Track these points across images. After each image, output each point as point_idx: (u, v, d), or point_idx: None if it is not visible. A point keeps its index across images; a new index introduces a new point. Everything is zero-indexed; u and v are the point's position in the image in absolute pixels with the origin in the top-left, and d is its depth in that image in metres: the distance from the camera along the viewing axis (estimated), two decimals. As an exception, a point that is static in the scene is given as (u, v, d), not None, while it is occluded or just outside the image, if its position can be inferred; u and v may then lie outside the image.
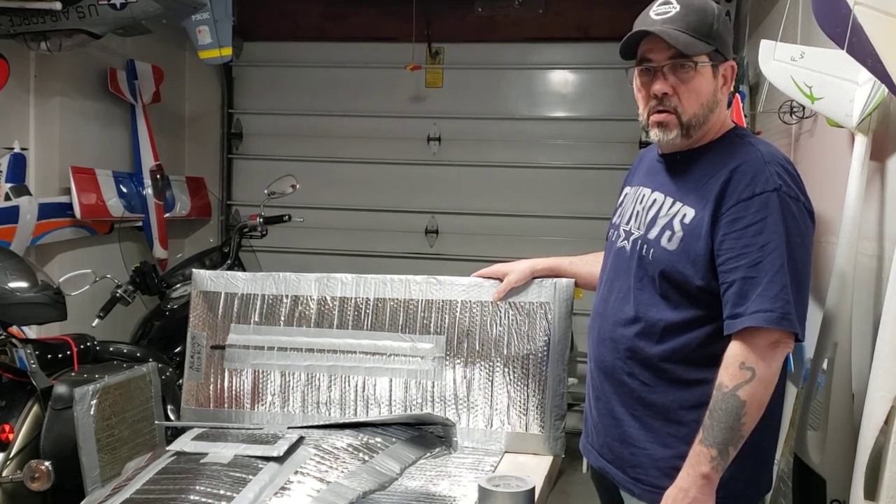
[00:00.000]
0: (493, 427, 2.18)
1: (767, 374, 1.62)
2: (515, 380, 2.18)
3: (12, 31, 3.50)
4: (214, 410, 2.35)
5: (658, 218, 1.78)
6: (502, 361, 2.19)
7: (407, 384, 2.25)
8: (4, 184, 3.53)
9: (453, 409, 2.21)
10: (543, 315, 2.20)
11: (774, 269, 1.61)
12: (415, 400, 2.23)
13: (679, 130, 1.76)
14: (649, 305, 1.76)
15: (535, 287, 2.22)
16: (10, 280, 2.73)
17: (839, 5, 1.54)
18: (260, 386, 2.33)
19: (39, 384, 2.61)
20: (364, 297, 2.31)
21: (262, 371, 2.33)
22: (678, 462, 1.68)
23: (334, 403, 2.29)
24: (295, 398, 2.31)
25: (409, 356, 2.25)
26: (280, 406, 2.31)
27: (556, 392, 2.17)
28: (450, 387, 2.22)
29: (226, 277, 2.42)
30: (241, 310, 2.37)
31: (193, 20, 3.61)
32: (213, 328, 2.38)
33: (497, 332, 2.20)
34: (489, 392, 2.20)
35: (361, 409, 2.27)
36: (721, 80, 1.77)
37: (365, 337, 2.29)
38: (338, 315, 2.31)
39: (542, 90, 5.33)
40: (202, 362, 2.38)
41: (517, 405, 2.18)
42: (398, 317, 2.27)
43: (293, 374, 2.31)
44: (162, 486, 1.67)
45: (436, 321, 2.25)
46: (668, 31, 1.72)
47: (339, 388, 2.29)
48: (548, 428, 2.16)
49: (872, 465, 1.62)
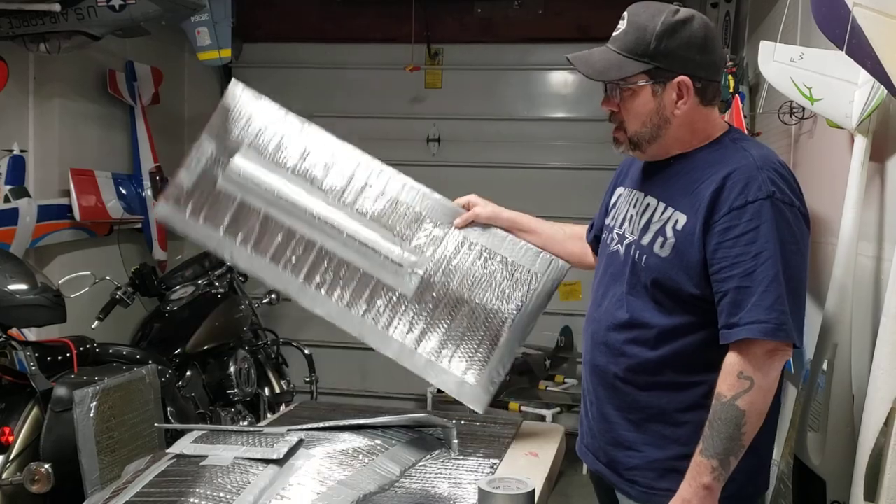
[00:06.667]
0: (440, 356, 2.18)
1: (766, 383, 1.62)
2: (473, 327, 2.18)
3: (11, 32, 3.50)
4: (189, 219, 2.30)
5: (651, 223, 1.77)
6: (470, 305, 2.19)
7: (377, 285, 2.22)
8: (4, 186, 3.52)
9: (407, 321, 2.20)
10: (527, 283, 2.20)
11: (769, 279, 1.60)
12: (379, 308, 2.21)
13: (627, 145, 1.80)
14: (643, 311, 1.76)
15: (531, 254, 2.22)
16: (9, 282, 2.73)
17: (838, 7, 1.54)
18: (241, 218, 2.28)
19: (39, 386, 2.61)
20: (381, 188, 2.27)
21: (249, 205, 2.27)
22: (674, 463, 1.68)
23: (298, 267, 2.24)
24: (266, 245, 2.26)
25: (391, 260, 2.22)
26: (249, 247, 2.26)
27: (502, 359, 2.18)
28: (413, 304, 2.21)
29: (261, 102, 2.37)
30: (257, 139, 2.31)
31: (192, 22, 3.60)
32: (223, 142, 2.33)
33: (479, 276, 2.20)
34: (447, 324, 2.19)
35: (318, 284, 2.23)
36: (672, 96, 1.72)
37: (360, 220, 2.25)
38: (347, 188, 2.27)
39: (541, 91, 5.33)
40: (199, 168, 2.32)
41: (464, 349, 2.18)
42: (401, 223, 2.24)
43: (274, 222, 2.26)
44: (162, 489, 1.68)
45: (431, 244, 2.23)
46: (586, 56, 1.77)
47: (312, 256, 2.24)
48: (481, 385, 2.18)
49: (872, 467, 1.62)
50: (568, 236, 2.23)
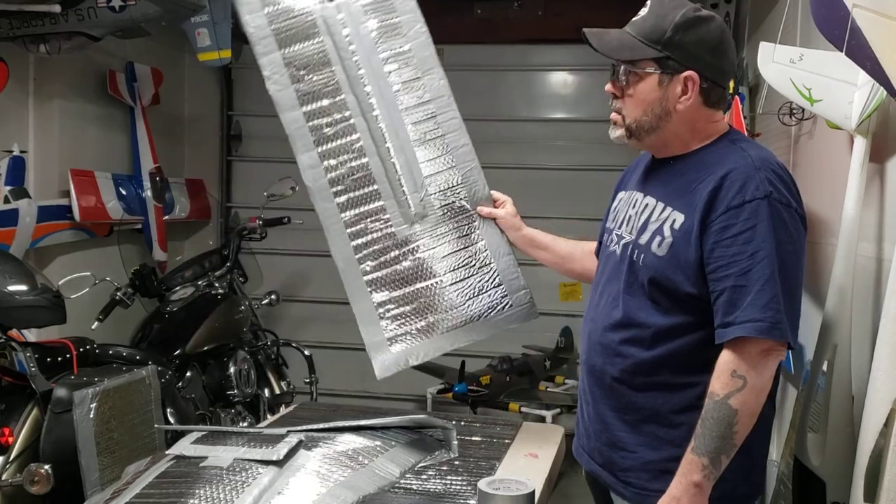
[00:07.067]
0: (384, 309, 2.20)
1: (759, 382, 1.62)
2: (429, 305, 2.19)
3: (11, 33, 3.50)
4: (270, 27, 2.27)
5: (649, 223, 1.78)
6: (438, 285, 2.19)
7: (377, 208, 2.22)
8: (4, 187, 3.52)
9: (380, 258, 2.20)
10: (497, 303, 2.22)
11: (765, 278, 1.60)
12: (363, 229, 2.21)
13: (623, 131, 1.81)
14: (639, 310, 1.76)
15: (518, 284, 2.22)
16: (9, 283, 2.73)
17: (838, 8, 1.54)
18: (314, 62, 2.24)
19: (39, 387, 2.61)
20: (442, 133, 2.26)
21: (327, 56, 2.24)
22: (669, 464, 1.68)
23: (324, 137, 2.23)
24: (313, 96, 2.24)
25: (405, 197, 2.22)
26: (297, 87, 2.24)
27: (430, 349, 2.19)
28: (394, 248, 2.21)
29: None
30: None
31: (192, 22, 3.60)
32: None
33: (462, 267, 2.21)
34: (409, 287, 2.20)
35: (330, 167, 2.22)
36: (678, 90, 1.73)
37: (405, 145, 2.23)
38: (416, 109, 2.26)
39: (541, 91, 5.33)
40: None
41: (407, 319, 2.20)
42: (438, 175, 2.24)
43: (336, 85, 2.24)
44: (161, 490, 1.68)
45: (447, 211, 2.23)
46: (601, 32, 1.79)
47: (343, 139, 2.23)
48: (397, 358, 2.19)
49: (872, 468, 1.62)
50: (586, 254, 2.22)
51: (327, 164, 2.23)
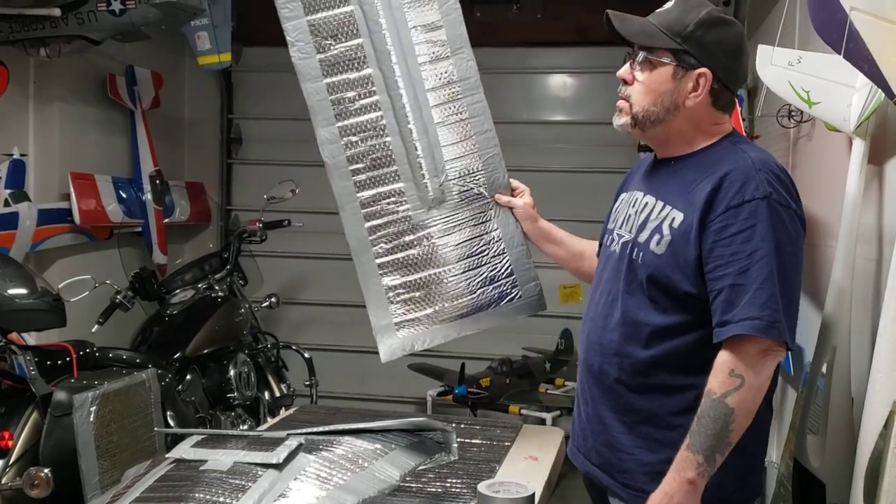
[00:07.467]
0: (395, 292, 2.19)
1: (756, 382, 1.62)
2: (437, 292, 2.20)
3: (12, 37, 3.50)
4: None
5: (648, 221, 1.78)
6: (449, 273, 2.20)
7: (395, 190, 2.20)
8: (4, 190, 3.53)
9: (394, 242, 2.19)
10: (506, 293, 2.23)
11: (763, 277, 1.60)
12: (380, 211, 2.20)
13: (629, 119, 1.81)
14: (637, 309, 1.76)
15: (529, 276, 2.23)
16: (9, 286, 2.73)
17: (836, 10, 1.55)
18: (343, 30, 2.20)
19: (39, 391, 2.61)
20: (466, 116, 2.22)
21: (356, 28, 2.19)
22: (666, 467, 1.67)
23: (346, 112, 2.20)
24: (338, 68, 2.20)
25: (424, 181, 2.20)
26: (321, 56, 2.20)
27: (436, 335, 2.20)
28: (409, 231, 2.20)
29: None
30: None
31: (192, 26, 3.61)
32: None
33: (474, 256, 2.20)
34: (420, 273, 2.20)
35: (349, 144, 2.19)
36: (689, 85, 1.74)
37: (428, 127, 2.20)
38: (439, 90, 2.21)
39: (540, 94, 5.33)
40: None
41: (415, 304, 2.20)
42: (458, 160, 2.21)
43: (364, 59, 2.19)
44: (161, 494, 1.68)
45: (465, 197, 2.22)
46: (624, 16, 1.79)
47: (365, 116, 2.20)
48: (403, 343, 2.19)
49: (872, 469, 1.62)
50: (596, 254, 2.22)
51: (347, 140, 2.20)
